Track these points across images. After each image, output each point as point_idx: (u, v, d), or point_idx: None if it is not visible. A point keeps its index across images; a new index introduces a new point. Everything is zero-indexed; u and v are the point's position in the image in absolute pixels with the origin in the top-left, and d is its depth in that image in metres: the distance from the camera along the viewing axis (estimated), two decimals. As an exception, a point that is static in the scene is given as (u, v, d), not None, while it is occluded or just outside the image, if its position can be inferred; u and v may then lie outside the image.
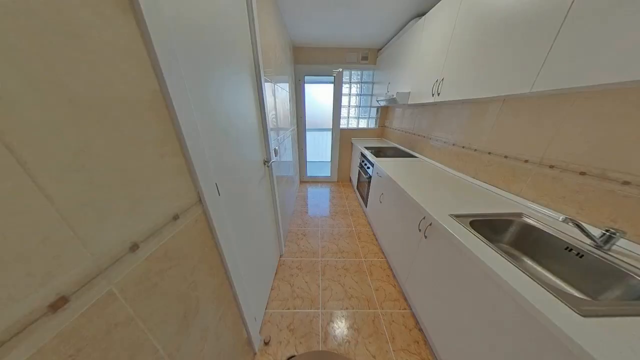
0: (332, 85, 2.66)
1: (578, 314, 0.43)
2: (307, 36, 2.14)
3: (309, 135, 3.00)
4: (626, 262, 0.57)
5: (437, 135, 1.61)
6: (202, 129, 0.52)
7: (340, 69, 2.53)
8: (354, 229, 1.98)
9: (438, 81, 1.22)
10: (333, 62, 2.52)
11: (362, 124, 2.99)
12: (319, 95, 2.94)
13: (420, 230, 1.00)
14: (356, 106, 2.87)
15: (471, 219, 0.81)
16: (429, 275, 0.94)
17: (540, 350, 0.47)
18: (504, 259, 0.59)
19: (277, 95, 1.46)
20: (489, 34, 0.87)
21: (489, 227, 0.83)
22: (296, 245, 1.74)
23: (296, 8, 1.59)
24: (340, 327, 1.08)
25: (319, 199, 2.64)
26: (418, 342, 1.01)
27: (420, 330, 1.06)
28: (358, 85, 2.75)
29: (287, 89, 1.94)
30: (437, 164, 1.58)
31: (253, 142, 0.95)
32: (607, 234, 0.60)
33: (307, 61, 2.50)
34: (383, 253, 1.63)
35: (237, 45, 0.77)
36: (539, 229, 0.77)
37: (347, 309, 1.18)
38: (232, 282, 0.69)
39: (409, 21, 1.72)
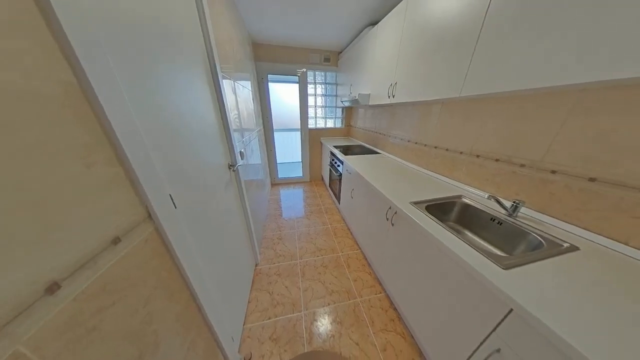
0: (297, 85, 2.65)
1: (501, 267, 0.56)
2: (267, 33, 2.06)
3: (278, 136, 2.91)
4: (526, 224, 0.77)
5: (395, 133, 1.81)
6: (146, 131, 0.43)
7: (304, 69, 2.55)
8: (329, 226, 2.03)
9: (392, 84, 1.36)
10: (297, 61, 2.50)
11: (330, 123, 3.08)
12: (285, 95, 2.89)
13: (387, 219, 1.10)
14: (322, 106, 2.94)
15: (426, 204, 0.95)
16: (398, 258, 1.05)
17: (480, 302, 0.59)
18: (451, 234, 0.72)
19: (239, 93, 1.36)
20: (427, 46, 1.02)
21: (439, 209, 0.98)
22: (272, 250, 1.67)
23: (252, 4, 1.51)
24: (324, 324, 1.10)
25: (293, 200, 2.60)
26: (393, 320, 1.12)
27: (395, 309, 1.18)
28: (322, 85, 2.82)
29: (250, 87, 1.82)
30: (397, 158, 1.78)
31: (214, 145, 0.86)
32: (514, 204, 0.81)
33: (270, 59, 2.42)
34: (358, 245, 1.73)
35: (184, 35, 0.68)
36: (473, 206, 0.96)
37: (329, 304, 1.21)
38: (200, 305, 0.61)
39: (364, 29, 1.86)
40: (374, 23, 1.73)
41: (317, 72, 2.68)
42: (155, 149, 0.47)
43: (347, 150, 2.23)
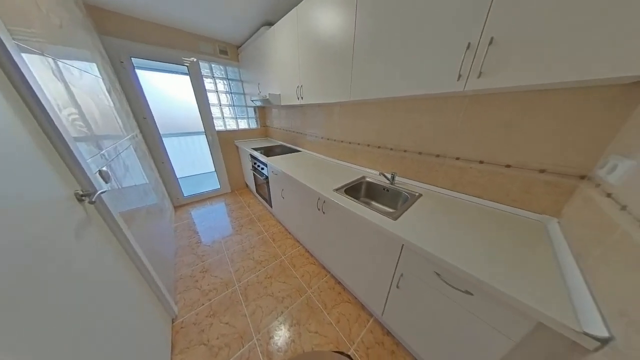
0: (188, 78, 2.12)
1: (391, 219, 0.82)
2: (115, -3, 1.43)
3: (171, 143, 2.21)
4: (400, 187, 1.17)
5: (310, 132, 1.99)
6: None
7: (194, 59, 2.08)
8: (265, 233, 1.91)
9: (299, 87, 1.47)
10: (182, 47, 1.99)
11: (243, 124, 2.80)
12: (172, 90, 2.20)
13: (319, 209, 1.22)
14: (229, 105, 2.59)
15: (345, 188, 1.15)
16: (333, 240, 1.21)
17: (387, 248, 0.83)
18: (363, 207, 0.93)
19: (73, 80, 0.86)
20: (322, 57, 1.20)
21: (353, 190, 1.23)
22: (197, 290, 1.30)
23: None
24: (282, 335, 1.04)
25: (214, 219, 2.15)
26: (340, 293, 1.29)
27: (339, 283, 1.36)
28: (225, 81, 2.47)
29: (98, 73, 1.21)
30: (315, 154, 1.98)
31: (25, 168, 0.49)
32: (392, 175, 1.19)
33: (132, 37, 1.72)
34: (299, 242, 1.78)
35: None
36: (372, 182, 1.29)
37: (282, 313, 1.16)
38: None
39: (261, 27, 1.83)
40: (270, 23, 1.74)
41: (214, 65, 2.29)
42: None
43: (268, 151, 2.15)
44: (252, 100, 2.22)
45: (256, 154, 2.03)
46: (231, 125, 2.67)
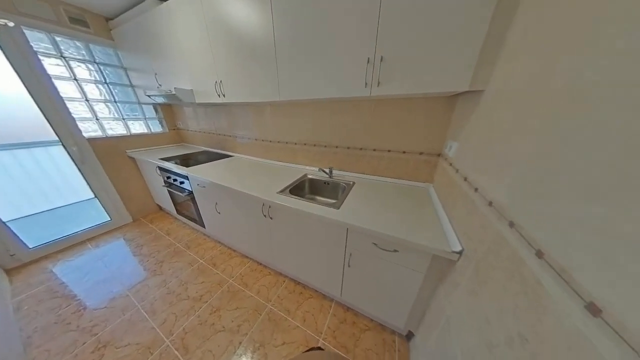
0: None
1: (334, 209, 0.92)
2: None
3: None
4: (338, 179, 1.31)
5: (240, 133, 1.79)
6: None
7: (9, 22, 1.27)
8: (201, 260, 1.55)
9: (217, 82, 1.27)
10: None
11: (137, 127, 2.07)
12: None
13: (265, 215, 1.14)
14: (108, 101, 1.82)
15: (289, 189, 1.14)
16: (285, 242, 1.18)
17: (336, 235, 0.92)
18: (310, 203, 0.97)
19: None
20: (242, 52, 1.08)
21: (298, 189, 1.25)
22: (90, 380, 0.86)
23: None
24: (244, 367, 0.91)
25: (107, 267, 1.49)
26: (301, 293, 1.29)
27: (299, 283, 1.35)
28: (91, 66, 1.70)
29: None
30: (251, 157, 1.81)
31: None
32: (330, 170, 1.31)
33: None
34: (247, 257, 1.59)
35: None
36: (314, 179, 1.37)
37: (240, 343, 1.00)
38: None
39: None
40: (160, -2, 1.37)
41: (60, 39, 1.51)
42: None
43: (187, 160, 1.74)
44: (149, 96, 1.68)
45: (168, 165, 1.58)
46: (116, 129, 1.90)
